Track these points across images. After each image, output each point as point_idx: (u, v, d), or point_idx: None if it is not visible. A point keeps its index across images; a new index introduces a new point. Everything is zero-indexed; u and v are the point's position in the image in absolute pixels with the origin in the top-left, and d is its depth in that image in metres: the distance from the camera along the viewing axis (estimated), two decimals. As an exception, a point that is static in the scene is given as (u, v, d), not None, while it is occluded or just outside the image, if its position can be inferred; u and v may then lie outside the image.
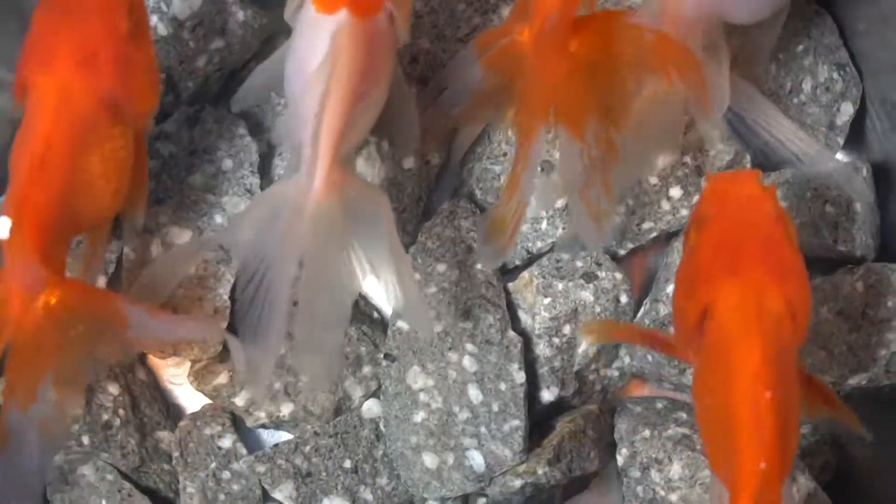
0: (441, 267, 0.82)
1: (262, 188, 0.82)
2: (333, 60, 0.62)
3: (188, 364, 0.83)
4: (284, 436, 0.84)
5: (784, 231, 0.63)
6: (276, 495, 0.81)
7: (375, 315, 0.87)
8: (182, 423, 0.84)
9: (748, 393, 0.57)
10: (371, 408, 0.82)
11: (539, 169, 0.80)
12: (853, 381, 0.80)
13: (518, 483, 0.79)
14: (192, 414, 0.85)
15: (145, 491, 0.82)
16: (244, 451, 0.83)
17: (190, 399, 0.86)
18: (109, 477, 0.82)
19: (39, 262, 0.63)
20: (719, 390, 0.59)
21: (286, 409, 0.81)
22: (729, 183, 0.66)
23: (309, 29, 0.64)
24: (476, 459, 0.79)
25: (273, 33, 0.86)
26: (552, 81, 0.69)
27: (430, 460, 0.79)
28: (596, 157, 0.69)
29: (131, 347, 0.79)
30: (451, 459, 0.79)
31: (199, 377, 0.83)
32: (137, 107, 0.68)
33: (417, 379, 0.80)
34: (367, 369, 0.83)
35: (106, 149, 0.66)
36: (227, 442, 0.83)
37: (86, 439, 0.80)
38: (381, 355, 0.82)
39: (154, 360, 0.87)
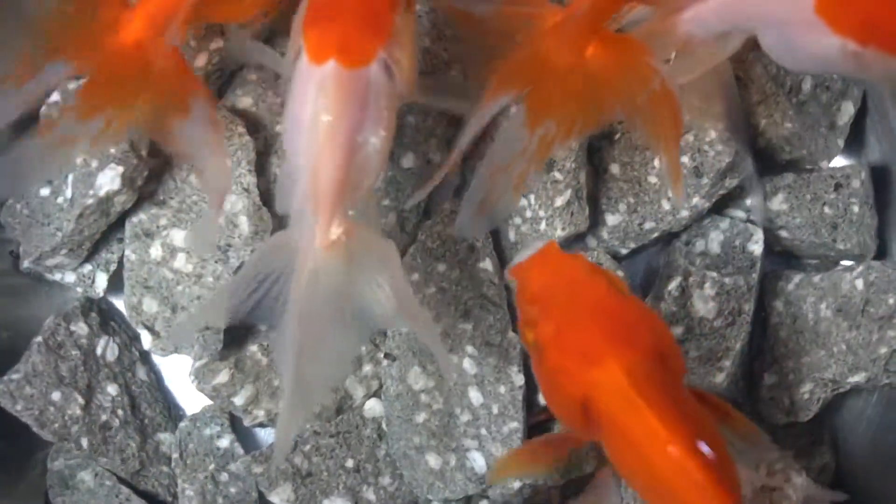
0: (441, 267, 0.82)
1: (259, 187, 0.82)
2: (322, 112, 0.61)
3: (189, 362, 0.83)
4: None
5: (605, 287, 0.63)
6: (273, 498, 0.80)
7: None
8: (182, 425, 0.84)
9: (668, 462, 0.57)
10: (373, 407, 0.82)
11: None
12: (852, 380, 0.80)
13: (516, 485, 0.79)
14: (193, 415, 0.85)
15: (143, 495, 0.82)
16: (241, 451, 0.83)
17: (191, 399, 0.86)
18: (108, 482, 0.82)
19: None
20: (637, 461, 0.60)
21: (285, 408, 0.82)
22: (533, 271, 0.66)
23: (302, 79, 0.63)
24: (477, 461, 0.79)
25: (273, 33, 0.85)
26: (552, 67, 0.68)
27: (433, 461, 0.79)
28: (532, 152, 0.69)
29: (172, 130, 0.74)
30: (453, 460, 0.79)
31: (200, 375, 0.82)
32: None
33: (418, 380, 0.80)
34: (367, 368, 0.83)
35: None
36: (224, 442, 0.83)
37: (84, 441, 0.80)
38: (382, 354, 0.82)
39: (156, 359, 0.88)
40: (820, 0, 0.66)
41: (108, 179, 0.78)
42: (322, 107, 0.61)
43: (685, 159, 0.82)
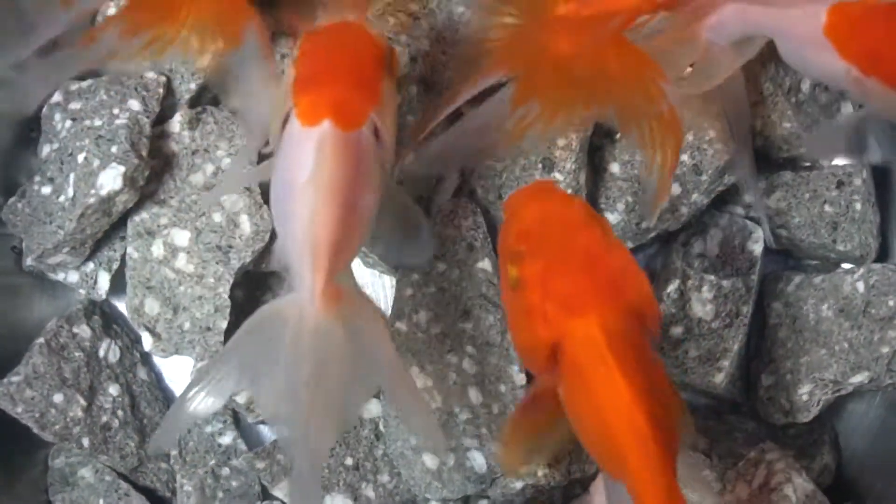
0: (441, 266, 0.82)
1: (260, 186, 0.82)
2: (320, 173, 0.61)
3: (190, 363, 0.83)
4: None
5: (599, 235, 0.62)
6: (276, 493, 0.81)
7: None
8: (182, 423, 0.84)
9: (625, 426, 0.57)
10: (370, 408, 0.82)
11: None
12: (854, 380, 0.80)
13: (518, 485, 0.79)
14: (193, 412, 0.85)
15: (143, 490, 0.82)
16: (244, 447, 0.84)
17: (191, 399, 0.86)
18: (107, 478, 0.82)
19: None
20: (595, 420, 0.59)
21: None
22: (528, 206, 0.65)
23: (294, 143, 0.63)
24: (477, 460, 0.78)
25: (274, 35, 0.86)
26: (554, 53, 0.68)
27: (430, 461, 0.79)
28: (507, 127, 0.69)
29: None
30: (451, 460, 0.79)
31: (200, 375, 0.83)
32: None
33: (417, 380, 0.80)
34: (367, 369, 0.83)
35: None
36: (227, 439, 0.83)
37: (86, 441, 0.81)
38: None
39: (157, 359, 0.88)
40: (829, 22, 0.67)
41: (110, 179, 0.79)
42: (320, 167, 0.61)
43: (685, 157, 0.82)
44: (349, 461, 0.81)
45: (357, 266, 0.89)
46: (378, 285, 0.89)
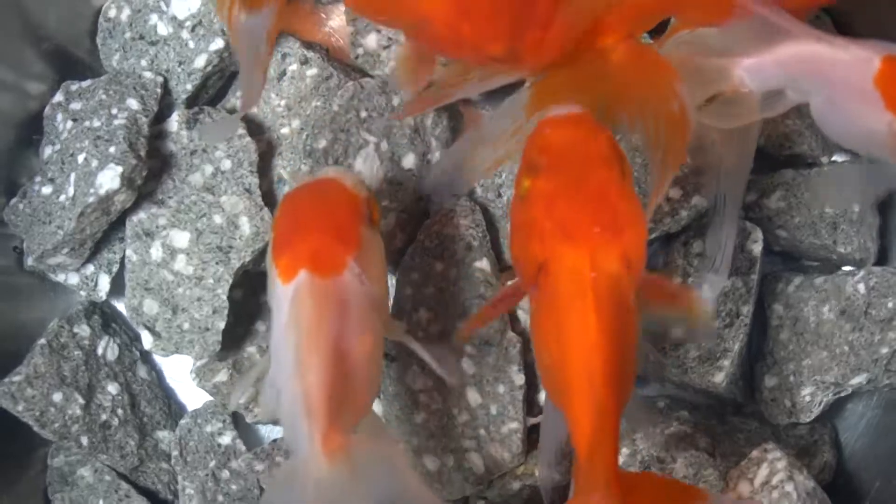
0: (439, 266, 0.82)
1: (261, 188, 0.82)
2: (297, 318, 0.60)
3: (190, 362, 0.83)
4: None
5: (617, 176, 0.61)
6: (276, 495, 0.81)
7: (375, 315, 0.87)
8: (182, 422, 0.84)
9: (581, 361, 0.58)
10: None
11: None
12: (854, 381, 0.80)
13: (516, 485, 0.79)
14: (193, 411, 0.85)
15: (143, 491, 0.82)
16: (243, 447, 0.84)
17: (192, 398, 0.87)
18: (107, 478, 0.82)
19: None
20: (555, 345, 0.60)
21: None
22: (559, 127, 0.64)
23: (277, 304, 0.62)
24: (476, 461, 0.78)
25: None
26: (571, 58, 0.68)
27: (430, 463, 0.79)
28: (522, 135, 0.68)
29: None
30: (451, 461, 0.79)
31: (201, 374, 0.83)
32: None
33: (417, 379, 0.80)
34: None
35: None
36: (226, 439, 0.84)
37: (84, 440, 0.81)
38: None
39: (157, 358, 0.88)
40: (881, 72, 0.66)
41: (108, 179, 0.79)
42: (296, 313, 0.60)
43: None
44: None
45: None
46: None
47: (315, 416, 0.58)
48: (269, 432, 0.86)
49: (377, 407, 0.82)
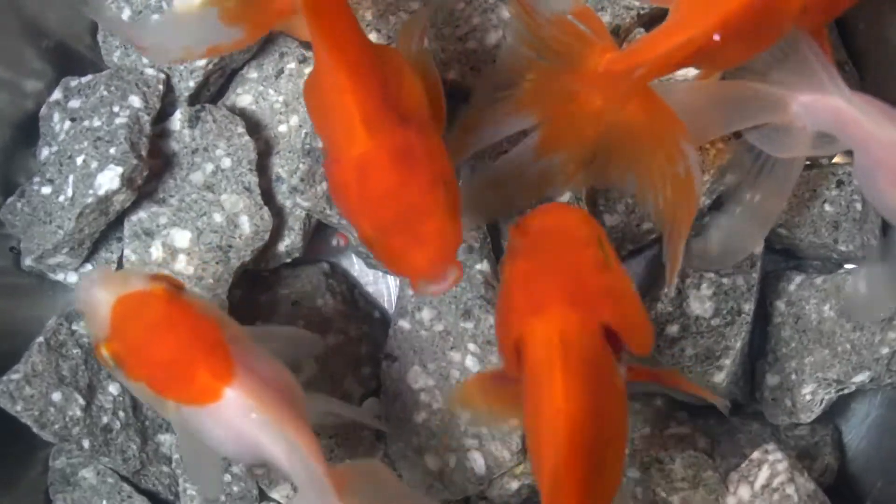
0: (441, 266, 0.82)
1: (260, 186, 0.82)
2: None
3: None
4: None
5: (594, 253, 0.63)
6: (274, 495, 0.81)
7: (377, 314, 0.87)
8: (184, 424, 0.84)
9: (547, 427, 0.58)
10: (371, 407, 0.82)
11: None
12: (856, 379, 0.80)
13: (515, 485, 0.79)
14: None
15: (145, 493, 0.82)
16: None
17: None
18: (110, 480, 0.82)
19: None
20: (530, 416, 0.60)
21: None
22: (538, 214, 0.67)
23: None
24: (477, 461, 0.78)
25: (273, 34, 0.85)
26: (582, 105, 0.68)
27: (432, 462, 0.79)
28: (529, 180, 0.71)
29: None
30: (452, 461, 0.79)
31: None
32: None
33: (418, 379, 0.80)
34: (366, 370, 0.83)
35: None
36: (227, 440, 0.83)
37: (86, 443, 0.80)
38: (382, 355, 0.82)
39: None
40: None
41: (108, 179, 0.78)
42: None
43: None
44: (349, 462, 0.81)
45: (359, 265, 0.89)
46: (382, 284, 0.90)
47: (311, 465, 0.61)
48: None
49: (376, 407, 0.82)
